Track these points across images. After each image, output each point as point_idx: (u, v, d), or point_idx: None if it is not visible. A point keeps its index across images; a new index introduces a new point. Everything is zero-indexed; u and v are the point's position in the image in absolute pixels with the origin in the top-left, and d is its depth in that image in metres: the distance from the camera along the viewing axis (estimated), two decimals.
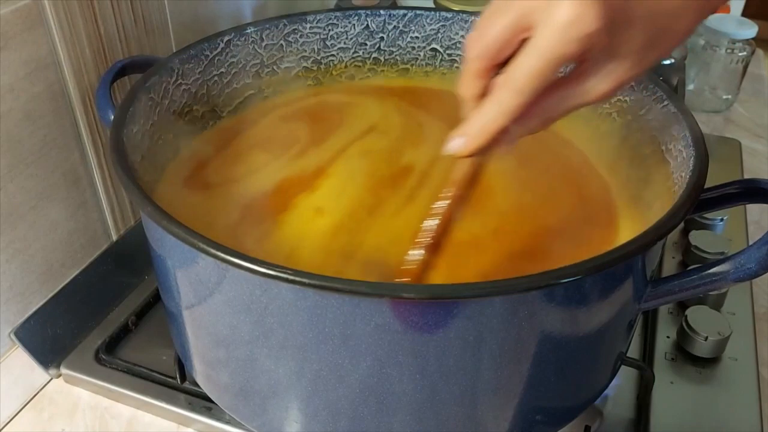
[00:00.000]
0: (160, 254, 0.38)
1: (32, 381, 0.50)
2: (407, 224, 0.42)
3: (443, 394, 0.35)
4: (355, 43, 0.56)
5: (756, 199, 0.38)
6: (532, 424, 0.39)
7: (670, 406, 0.46)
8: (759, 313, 0.54)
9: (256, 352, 0.36)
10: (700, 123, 0.41)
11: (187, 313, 0.39)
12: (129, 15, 0.53)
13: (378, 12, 0.55)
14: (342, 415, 0.36)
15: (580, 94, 0.32)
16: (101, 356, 0.50)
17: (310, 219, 0.44)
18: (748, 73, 0.85)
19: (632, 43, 0.31)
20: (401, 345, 0.33)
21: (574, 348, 0.37)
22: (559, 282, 0.31)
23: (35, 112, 0.47)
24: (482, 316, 0.32)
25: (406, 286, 0.32)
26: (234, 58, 0.52)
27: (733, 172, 0.70)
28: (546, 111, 0.33)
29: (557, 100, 0.33)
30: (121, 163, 0.37)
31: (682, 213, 0.35)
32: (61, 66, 0.48)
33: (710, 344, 0.49)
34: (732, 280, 0.36)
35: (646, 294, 0.39)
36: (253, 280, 0.32)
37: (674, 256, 0.59)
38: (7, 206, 0.46)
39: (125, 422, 0.48)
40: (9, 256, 0.47)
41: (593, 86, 0.32)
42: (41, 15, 0.45)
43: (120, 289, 0.56)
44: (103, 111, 0.44)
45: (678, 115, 0.42)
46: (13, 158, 0.46)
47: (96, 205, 0.54)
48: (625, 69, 0.32)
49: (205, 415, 0.46)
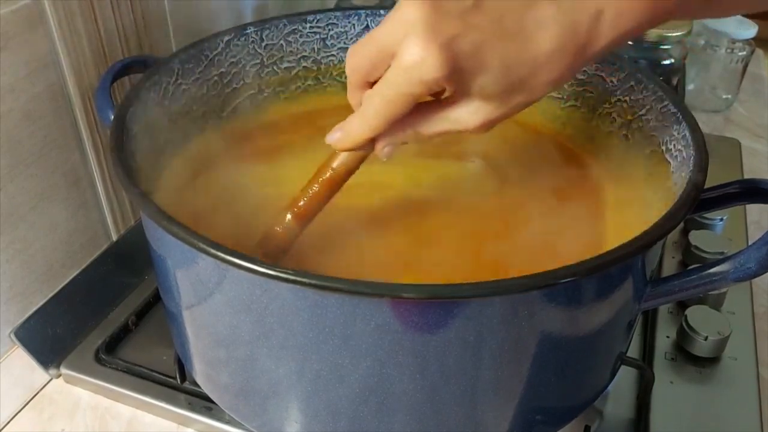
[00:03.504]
0: (160, 254, 0.38)
1: (32, 381, 0.50)
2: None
3: (443, 394, 0.35)
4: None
5: (756, 199, 0.38)
6: (532, 424, 0.39)
7: (670, 406, 0.46)
8: (759, 312, 0.54)
9: (257, 352, 0.36)
10: (700, 123, 0.41)
11: (187, 313, 0.39)
12: (129, 15, 0.53)
13: (378, 12, 0.55)
14: (342, 415, 0.36)
15: (448, 121, 0.33)
16: (101, 356, 0.50)
17: None
18: (748, 73, 0.85)
19: (488, 89, 0.31)
20: (401, 345, 0.33)
21: (573, 348, 0.37)
22: (559, 282, 0.31)
23: (35, 112, 0.47)
24: (482, 316, 0.32)
25: (406, 286, 0.32)
26: (234, 58, 0.51)
27: (733, 172, 0.70)
28: (415, 128, 0.34)
29: (426, 121, 0.34)
30: (121, 163, 0.37)
31: (682, 213, 0.35)
32: (61, 66, 0.48)
33: (710, 344, 0.49)
34: (732, 280, 0.36)
35: (646, 294, 0.39)
36: (253, 280, 0.32)
37: (674, 256, 0.59)
38: (8, 206, 0.46)
39: (125, 422, 0.48)
40: (9, 256, 0.47)
41: (461, 117, 0.33)
42: (41, 15, 0.45)
43: (120, 289, 0.56)
44: (103, 111, 0.44)
45: (678, 115, 0.42)
46: (13, 158, 0.46)
47: (96, 206, 0.54)
48: (489, 110, 0.32)
49: (205, 415, 0.46)
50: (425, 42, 0.29)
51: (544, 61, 0.30)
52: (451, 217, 0.45)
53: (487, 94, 0.31)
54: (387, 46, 0.31)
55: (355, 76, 0.33)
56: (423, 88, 0.30)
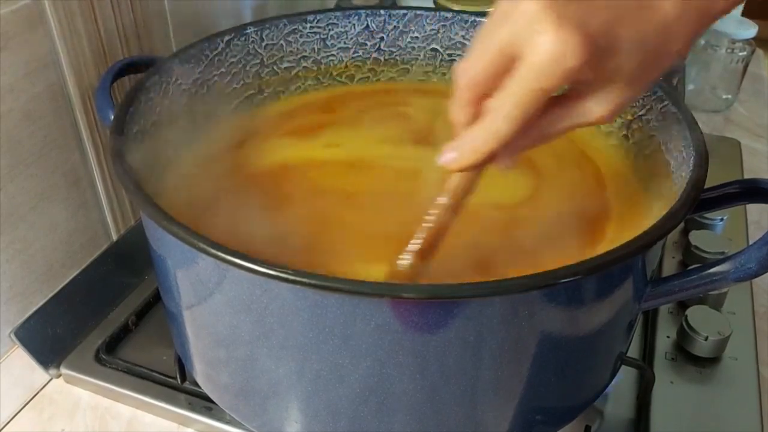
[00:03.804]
0: (160, 254, 0.38)
1: (32, 381, 0.50)
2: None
3: (443, 394, 0.35)
4: (355, 43, 0.56)
5: (756, 199, 0.38)
6: (532, 424, 0.39)
7: (670, 406, 0.46)
8: (759, 312, 0.54)
9: (257, 352, 0.36)
10: (700, 123, 0.41)
11: (187, 313, 0.39)
12: (129, 15, 0.53)
13: (378, 12, 0.55)
14: (342, 415, 0.36)
15: (576, 115, 0.32)
16: (101, 356, 0.50)
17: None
18: (748, 73, 0.85)
19: (622, 69, 0.30)
20: (401, 345, 0.33)
21: (574, 348, 0.37)
22: (559, 282, 0.31)
23: (35, 112, 0.47)
24: (482, 316, 0.32)
25: (406, 286, 0.32)
26: (234, 58, 0.51)
27: (733, 172, 0.70)
28: (542, 130, 0.32)
29: (553, 120, 0.32)
30: (121, 163, 0.37)
31: (682, 213, 0.35)
32: (61, 66, 0.48)
33: (710, 344, 0.49)
34: (732, 280, 0.36)
35: (646, 294, 0.39)
36: (253, 280, 0.32)
37: (674, 256, 0.59)
38: (8, 207, 0.46)
39: (125, 422, 0.48)
40: (9, 256, 0.47)
41: (590, 108, 0.32)
42: (41, 15, 0.45)
43: (120, 289, 0.56)
44: (103, 111, 0.44)
45: (678, 115, 0.42)
46: (13, 158, 0.46)
47: (96, 205, 0.54)
48: (619, 92, 0.31)
49: (205, 415, 0.46)
50: (557, 30, 0.27)
51: (673, 27, 0.29)
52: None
53: (624, 73, 0.30)
54: (509, 49, 0.29)
55: (472, 91, 0.31)
56: (561, 81, 0.29)
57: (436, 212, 0.35)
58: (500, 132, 0.31)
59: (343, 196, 0.46)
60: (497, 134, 0.31)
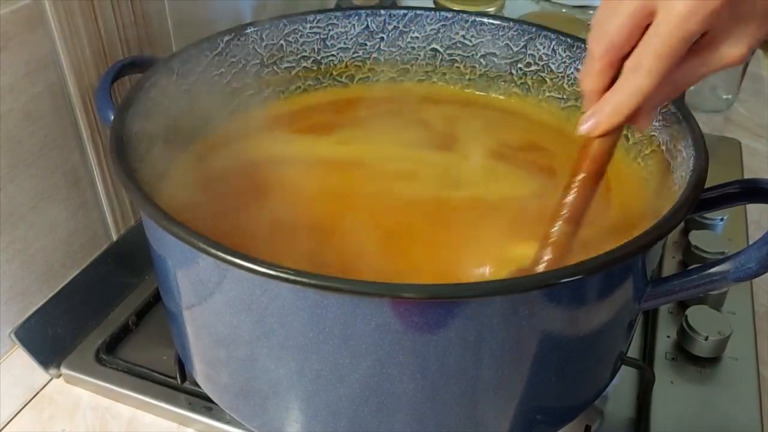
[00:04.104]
0: (160, 254, 0.38)
1: (32, 381, 0.50)
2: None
3: (444, 394, 0.35)
4: (355, 43, 0.56)
5: (756, 199, 0.38)
6: (532, 423, 0.39)
7: (670, 406, 0.46)
8: (759, 312, 0.54)
9: (257, 352, 0.36)
10: (700, 123, 0.41)
11: (187, 313, 0.39)
12: (129, 15, 0.53)
13: (378, 12, 0.55)
14: (342, 415, 0.36)
15: (712, 61, 0.32)
16: (101, 356, 0.50)
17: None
18: (748, 73, 0.85)
19: (756, 7, 0.30)
20: (402, 345, 0.33)
21: (574, 348, 0.37)
22: (559, 282, 0.31)
23: (35, 112, 0.47)
24: (482, 316, 0.32)
25: (407, 286, 0.32)
26: (234, 58, 0.51)
27: (733, 172, 0.70)
28: (678, 81, 0.33)
29: (689, 70, 0.33)
30: (121, 163, 0.37)
31: (682, 213, 0.35)
32: (61, 66, 0.48)
33: (710, 344, 0.49)
34: (732, 280, 0.36)
35: (646, 294, 0.39)
36: (253, 280, 0.32)
37: (674, 256, 0.59)
38: (8, 206, 0.46)
39: (125, 422, 0.48)
40: (9, 256, 0.47)
41: (725, 51, 0.32)
42: (41, 15, 0.45)
43: (120, 289, 0.56)
44: (103, 111, 0.44)
45: (678, 115, 0.42)
46: (13, 158, 0.46)
47: (96, 205, 0.54)
48: (753, 31, 0.31)
49: (205, 415, 0.46)
50: None
51: None
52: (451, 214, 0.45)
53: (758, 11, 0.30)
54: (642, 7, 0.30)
55: (611, 54, 0.32)
56: (703, 25, 0.29)
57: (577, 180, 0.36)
58: (643, 87, 0.32)
59: (344, 197, 0.46)
60: (640, 89, 0.32)
